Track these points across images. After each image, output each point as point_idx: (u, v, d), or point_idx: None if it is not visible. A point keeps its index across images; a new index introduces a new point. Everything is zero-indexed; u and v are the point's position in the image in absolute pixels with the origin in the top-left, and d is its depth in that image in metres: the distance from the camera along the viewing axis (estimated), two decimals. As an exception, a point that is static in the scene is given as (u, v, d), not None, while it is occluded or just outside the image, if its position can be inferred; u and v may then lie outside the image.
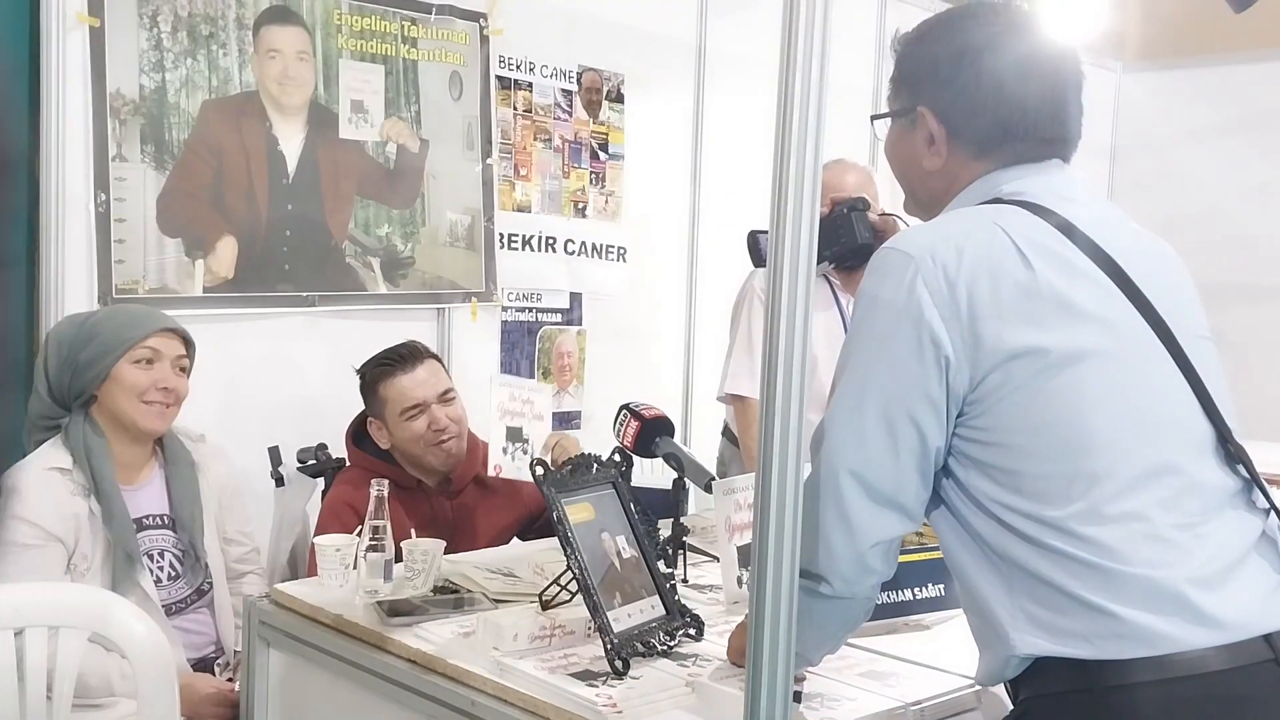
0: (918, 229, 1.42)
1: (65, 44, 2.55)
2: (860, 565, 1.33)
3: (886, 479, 1.31)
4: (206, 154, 2.78)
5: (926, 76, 1.43)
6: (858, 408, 1.31)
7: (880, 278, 1.33)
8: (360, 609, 1.87)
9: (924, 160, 1.45)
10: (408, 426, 2.45)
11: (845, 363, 1.36)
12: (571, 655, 1.69)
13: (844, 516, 1.31)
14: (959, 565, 1.36)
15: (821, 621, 1.38)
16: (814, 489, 1.32)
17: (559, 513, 1.72)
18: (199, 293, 2.76)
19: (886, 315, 1.31)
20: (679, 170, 3.87)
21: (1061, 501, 1.26)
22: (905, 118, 1.46)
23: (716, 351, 3.45)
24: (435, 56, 3.20)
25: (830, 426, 1.33)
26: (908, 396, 1.29)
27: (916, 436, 1.30)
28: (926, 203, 1.49)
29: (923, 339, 1.28)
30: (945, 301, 1.28)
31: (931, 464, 1.32)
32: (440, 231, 3.24)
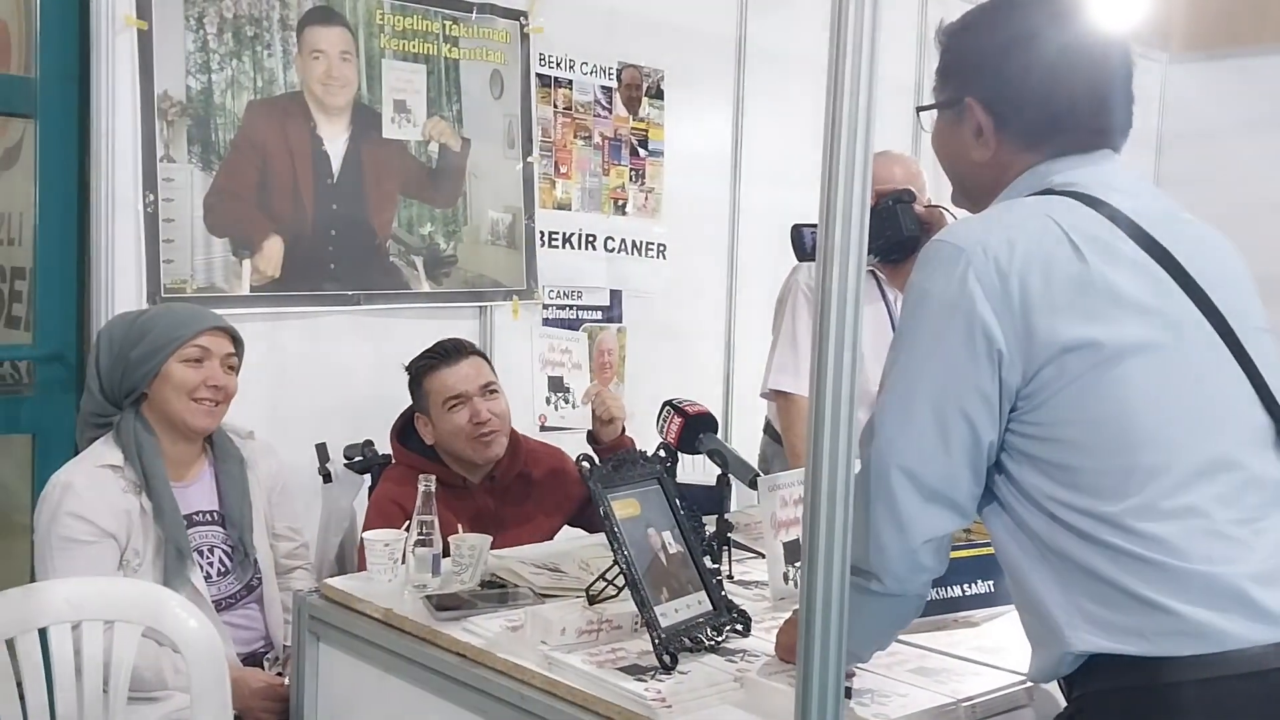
0: (967, 221, 1.40)
1: (114, 47, 2.59)
2: (911, 562, 1.32)
3: (938, 475, 1.29)
4: (252, 154, 2.81)
5: (973, 67, 1.42)
6: (908, 403, 1.30)
7: (930, 271, 1.32)
8: (409, 603, 1.89)
9: (972, 152, 1.43)
10: (449, 419, 2.47)
11: (895, 357, 1.35)
12: (619, 650, 1.69)
13: (895, 513, 1.30)
14: (1012, 562, 1.34)
15: (873, 618, 1.37)
16: (864, 485, 1.31)
17: (605, 508, 1.72)
18: (246, 292, 2.79)
19: (937, 309, 1.30)
20: (719, 166, 3.87)
21: (1117, 497, 1.24)
22: (952, 109, 1.45)
23: (757, 348, 3.44)
24: (476, 55, 3.22)
25: (880, 422, 1.32)
26: (959, 391, 1.27)
27: (968, 431, 1.28)
28: (976, 195, 1.47)
29: (975, 333, 1.26)
30: (997, 294, 1.26)
31: (984, 459, 1.30)
32: (482, 230, 3.26)
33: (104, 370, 2.27)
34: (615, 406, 2.52)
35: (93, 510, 2.13)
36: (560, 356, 2.38)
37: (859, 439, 1.32)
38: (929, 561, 1.33)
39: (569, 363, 2.39)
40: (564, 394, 2.38)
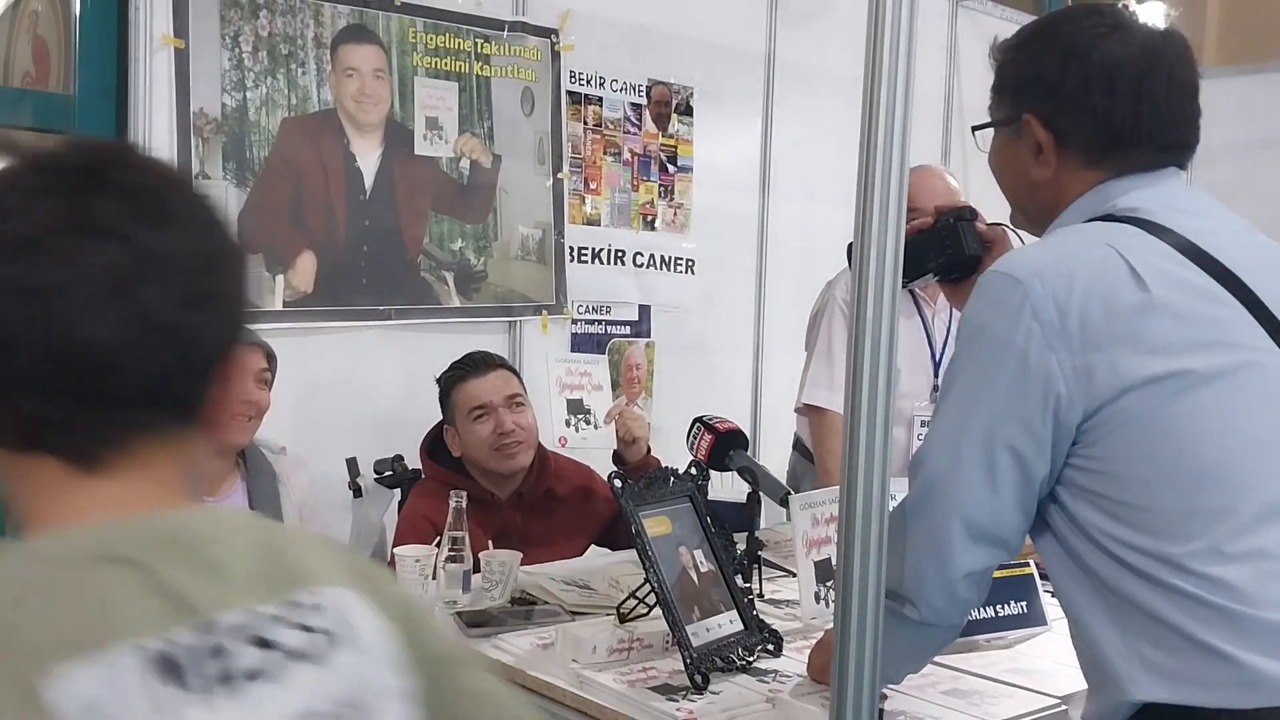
0: (1025, 251, 1.36)
1: (152, 65, 2.62)
2: (950, 595, 1.28)
3: (984, 512, 1.25)
4: (286, 171, 2.84)
5: (1031, 82, 1.37)
6: (957, 438, 1.26)
7: (986, 303, 1.27)
8: (439, 619, 1.89)
9: (1031, 171, 1.38)
10: (474, 429, 2.47)
11: (947, 390, 1.30)
12: (650, 669, 1.69)
13: (936, 547, 1.26)
14: (1069, 600, 1.28)
15: (906, 644, 1.34)
16: (907, 515, 1.29)
17: (637, 526, 1.72)
18: (279, 307, 2.81)
19: (992, 344, 1.24)
20: (748, 182, 3.87)
21: (1181, 538, 1.18)
22: (1010, 126, 1.40)
23: (785, 363, 3.43)
24: (508, 73, 3.24)
25: (929, 455, 1.29)
26: (1010, 429, 1.22)
27: (1018, 470, 1.23)
28: (1035, 215, 1.43)
29: (1030, 371, 1.21)
30: (1056, 330, 1.20)
31: (1034, 495, 1.25)
32: (512, 245, 3.27)
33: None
34: (637, 426, 2.50)
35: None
36: (579, 379, 2.37)
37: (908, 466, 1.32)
38: (967, 595, 1.29)
39: (589, 385, 2.38)
40: (584, 415, 2.37)
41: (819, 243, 3.73)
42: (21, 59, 3.27)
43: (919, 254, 1.71)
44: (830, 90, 3.84)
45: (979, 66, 4.79)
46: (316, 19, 2.88)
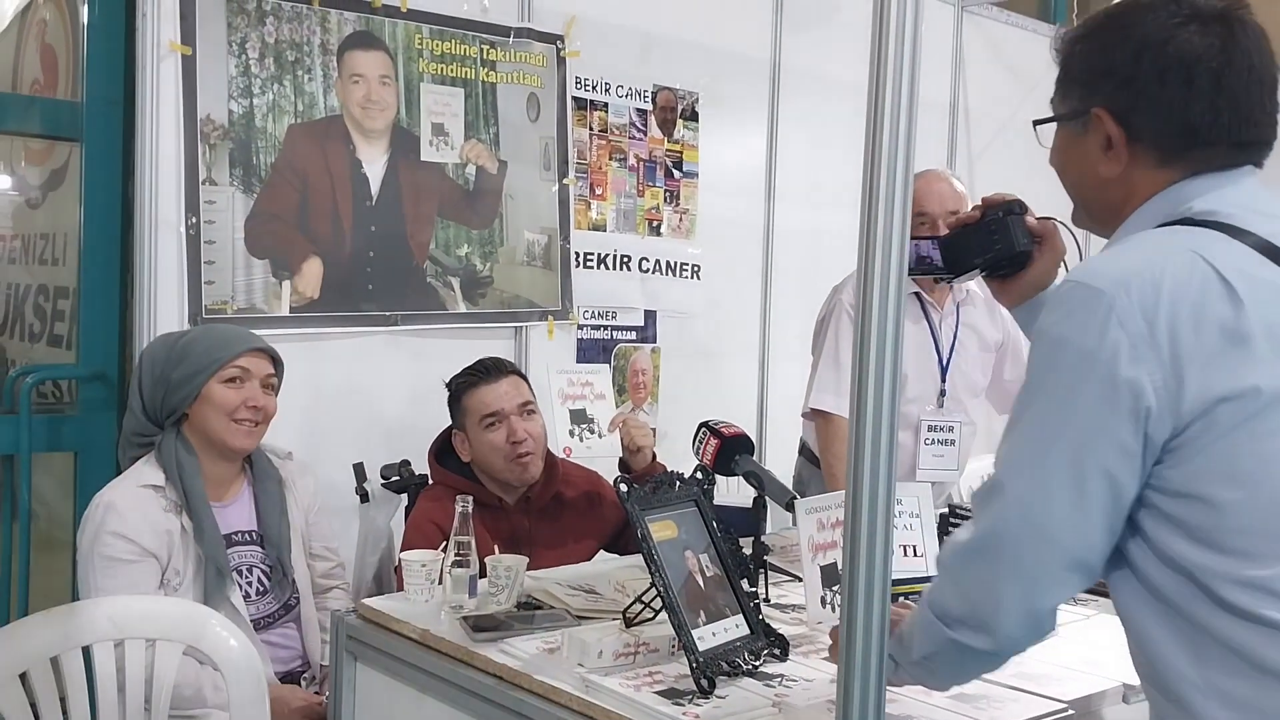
0: (1102, 259, 1.26)
1: (159, 72, 2.63)
2: (1032, 626, 1.23)
3: (1073, 538, 1.19)
4: (293, 177, 2.85)
5: (1102, 75, 1.31)
6: (1042, 461, 1.19)
7: (1065, 315, 1.20)
8: (446, 624, 1.89)
9: (1100, 167, 1.32)
10: (486, 437, 2.47)
11: (1025, 410, 1.23)
12: (656, 673, 1.69)
13: (1023, 579, 1.20)
14: (1138, 628, 1.22)
15: (968, 669, 1.32)
16: (986, 543, 1.23)
17: (643, 530, 1.72)
18: (286, 312, 2.82)
19: (1075, 359, 1.18)
20: (753, 187, 3.87)
21: (1268, 560, 1.13)
22: (1077, 121, 1.34)
23: (791, 368, 3.44)
24: (513, 79, 3.25)
25: (1011, 482, 1.22)
26: (1100, 448, 1.16)
27: (1108, 491, 1.17)
28: (1101, 215, 1.37)
29: (1118, 386, 1.15)
30: (1144, 343, 1.15)
31: (1122, 518, 1.20)
32: (518, 251, 3.28)
33: (146, 391, 2.29)
34: (640, 435, 2.49)
35: (135, 530, 2.15)
36: (580, 390, 2.37)
37: (974, 496, 1.27)
38: (1050, 624, 1.24)
39: (591, 394, 2.38)
40: (588, 425, 2.37)
41: (824, 248, 3.74)
42: (30, 66, 3.29)
43: (965, 249, 1.68)
44: (835, 95, 3.85)
45: (984, 72, 4.82)
46: (323, 25, 2.89)
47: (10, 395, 2.91)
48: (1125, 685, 1.68)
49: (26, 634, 1.90)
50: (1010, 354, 2.95)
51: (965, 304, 2.86)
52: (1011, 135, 4.60)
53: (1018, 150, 4.54)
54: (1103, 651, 1.79)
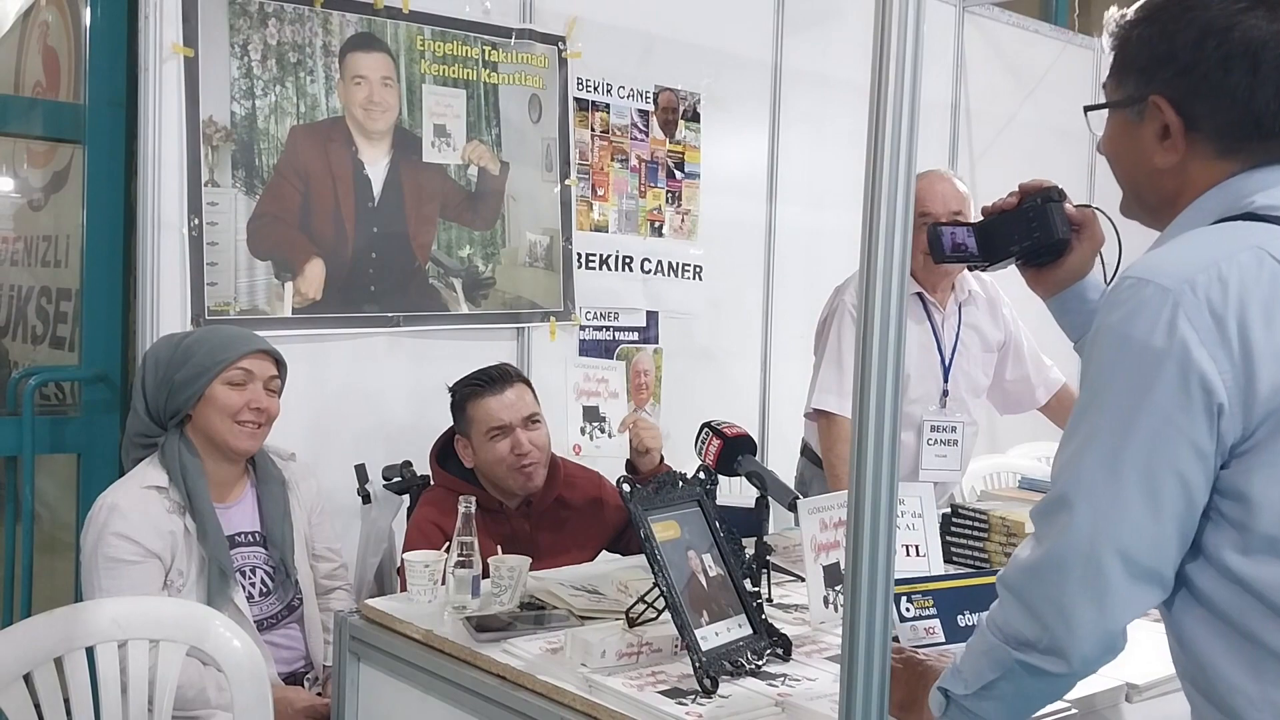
0: (1163, 254, 1.22)
1: (161, 73, 2.64)
2: (1106, 644, 1.18)
3: (1149, 549, 1.14)
4: (295, 178, 2.85)
5: (1161, 61, 1.26)
6: (1113, 469, 1.14)
7: (1129, 314, 1.15)
8: (449, 624, 1.89)
9: (1155, 157, 1.28)
10: (491, 448, 2.47)
11: (1087, 415, 1.18)
12: (659, 673, 1.69)
13: (1099, 596, 1.15)
14: (1191, 643, 1.19)
15: (1035, 697, 1.25)
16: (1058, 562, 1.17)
17: (646, 530, 1.72)
18: (288, 314, 2.83)
19: (1143, 359, 1.13)
20: (755, 188, 3.88)
21: None
22: (1132, 109, 1.29)
23: (793, 369, 3.44)
24: (515, 80, 3.25)
25: (1077, 494, 1.17)
26: (1173, 450, 1.12)
27: (1182, 496, 1.13)
28: (1154, 206, 1.32)
29: (1190, 384, 1.11)
30: (1214, 340, 1.11)
31: (1194, 526, 1.15)
32: (520, 252, 3.28)
33: (149, 392, 2.29)
34: (650, 437, 2.48)
35: (138, 531, 2.15)
36: (596, 386, 2.37)
37: (1034, 510, 1.23)
38: (1123, 642, 1.19)
39: (605, 392, 2.37)
40: (600, 423, 2.37)
41: (826, 248, 3.74)
42: (32, 69, 3.30)
43: (1001, 236, 1.64)
44: (837, 96, 3.86)
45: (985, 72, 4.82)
46: (325, 27, 2.89)
47: (13, 397, 2.91)
48: (1128, 684, 1.68)
49: (30, 635, 1.90)
50: (1012, 354, 2.95)
51: (967, 304, 2.86)
52: (1013, 135, 4.60)
53: (1020, 150, 4.55)
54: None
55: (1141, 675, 1.70)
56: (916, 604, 1.81)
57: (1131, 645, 1.23)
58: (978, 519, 2.37)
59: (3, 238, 3.40)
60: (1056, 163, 3.71)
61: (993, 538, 2.34)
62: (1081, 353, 1.24)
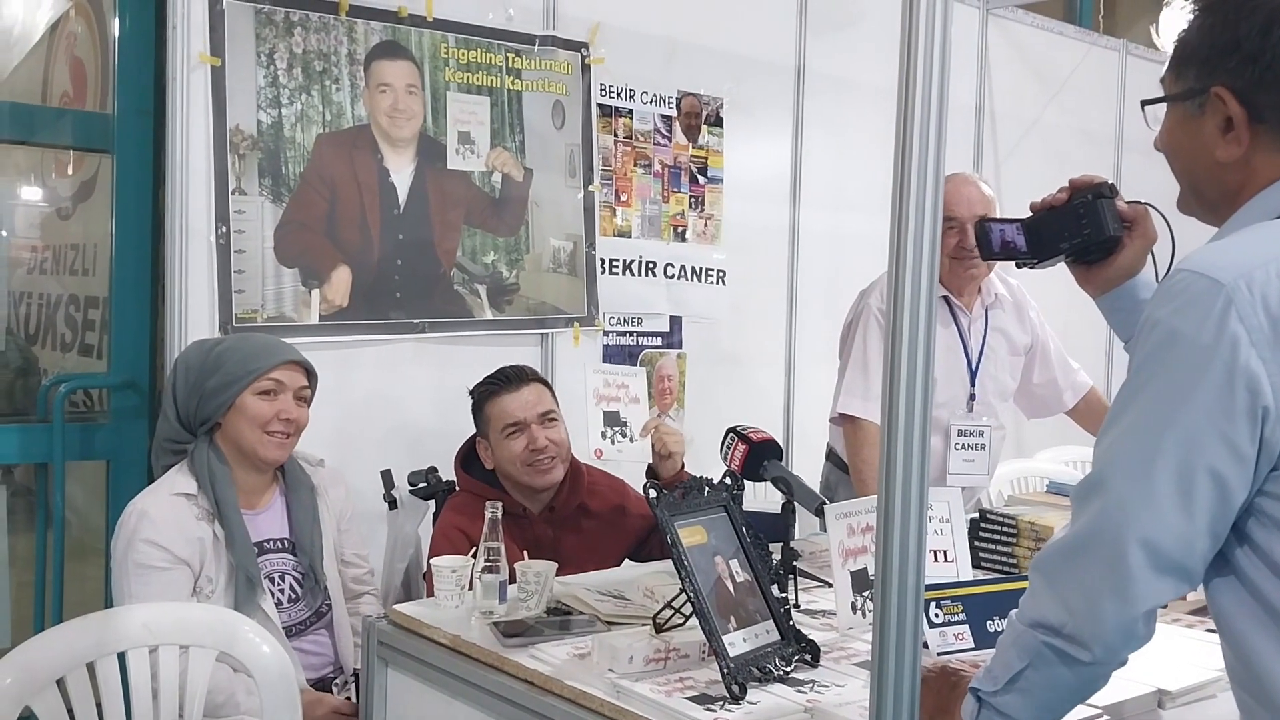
0: (1220, 249, 1.20)
1: (189, 83, 2.66)
2: (1129, 633, 1.18)
3: (1176, 543, 1.14)
4: (321, 186, 2.87)
5: (1224, 52, 1.23)
6: (1148, 462, 1.13)
7: (1179, 308, 1.13)
8: (476, 629, 1.90)
9: (1217, 150, 1.25)
10: (507, 445, 2.48)
11: (1131, 405, 1.17)
12: (687, 678, 1.69)
13: (1122, 585, 1.15)
14: (1244, 644, 1.17)
15: (1065, 688, 1.23)
16: (1080, 544, 1.18)
17: (673, 536, 1.72)
18: (314, 321, 2.84)
19: (1189, 354, 1.12)
20: (778, 192, 3.87)
21: None
22: (1192, 101, 1.27)
23: (817, 373, 3.43)
24: (538, 87, 3.26)
25: (1112, 482, 1.16)
26: (1210, 449, 1.11)
27: (1216, 493, 1.12)
28: (1214, 201, 1.29)
29: (1235, 384, 1.09)
30: (1266, 340, 1.09)
31: (1228, 524, 1.15)
32: (544, 258, 3.29)
33: (180, 398, 2.31)
34: (673, 441, 2.47)
35: (168, 538, 2.17)
36: (617, 391, 2.37)
37: (1074, 491, 1.22)
38: (1145, 631, 1.18)
39: (625, 397, 2.37)
40: (621, 428, 2.37)
41: (850, 252, 3.74)
42: (60, 79, 3.33)
43: (1051, 233, 1.61)
44: (860, 99, 3.85)
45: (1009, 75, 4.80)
46: (350, 35, 2.91)
47: (44, 404, 2.94)
48: (1161, 690, 1.67)
49: (64, 640, 1.92)
50: (1039, 357, 2.93)
51: (994, 307, 2.85)
52: (1038, 137, 4.58)
53: (1044, 152, 4.53)
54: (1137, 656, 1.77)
55: (1174, 681, 1.68)
56: (946, 610, 1.80)
57: (1164, 652, 1.22)
58: (1006, 524, 2.35)
59: (31, 247, 3.43)
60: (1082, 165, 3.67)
61: (1021, 543, 2.32)
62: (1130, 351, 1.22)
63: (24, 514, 3.05)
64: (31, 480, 2.98)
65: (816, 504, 2.07)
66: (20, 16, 3.37)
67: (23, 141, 3.30)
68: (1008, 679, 1.23)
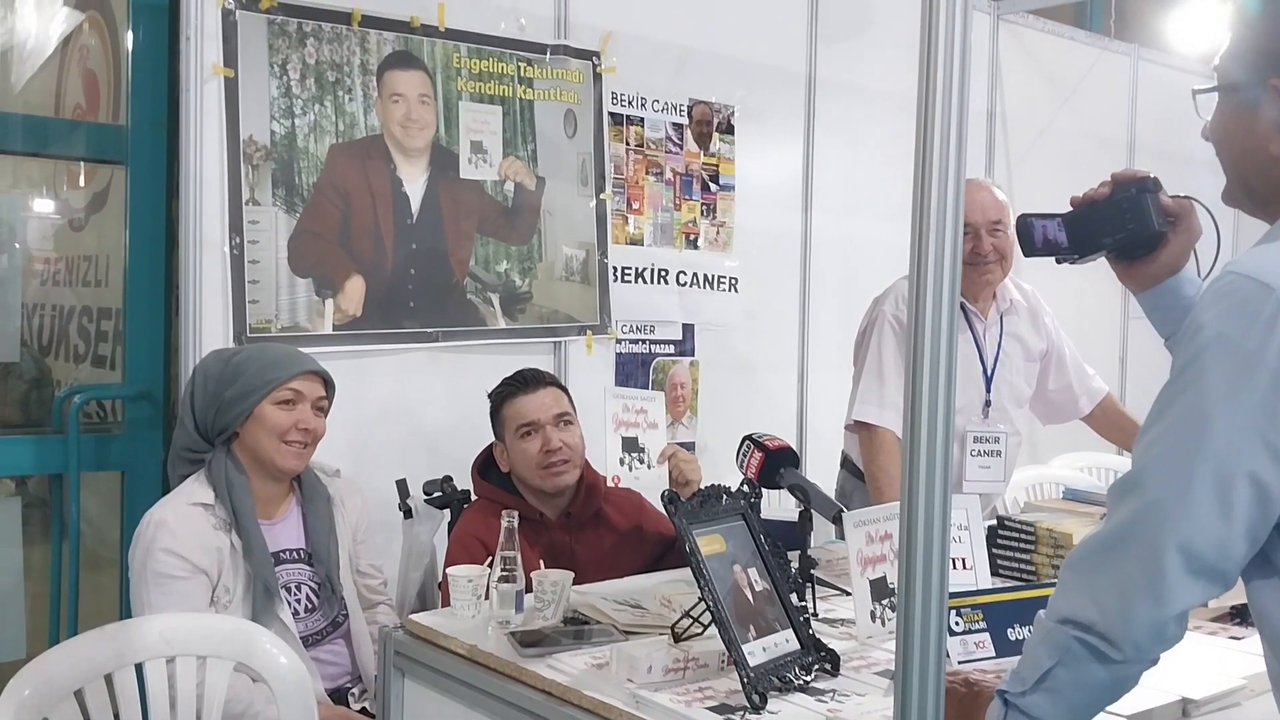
0: (1271, 251, 1.18)
1: (202, 94, 2.66)
2: (1160, 634, 1.17)
3: (1213, 548, 1.13)
4: (334, 196, 2.87)
5: None
6: (1187, 464, 1.12)
7: (1226, 310, 1.12)
8: (493, 639, 1.89)
9: (1271, 145, 1.23)
10: (522, 446, 2.48)
11: (1172, 405, 1.16)
12: (706, 688, 1.68)
13: (1155, 587, 1.14)
14: None
15: (1096, 687, 1.21)
16: (1115, 543, 1.17)
17: (691, 544, 1.72)
18: (328, 330, 2.84)
19: (1235, 359, 1.11)
20: (790, 199, 3.86)
21: None
22: (1246, 94, 1.25)
23: (830, 380, 3.41)
24: (550, 96, 3.26)
25: (1147, 477, 1.16)
26: (1252, 454, 1.10)
27: (1256, 497, 1.11)
28: (1265, 196, 1.27)
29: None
30: None
31: (1269, 527, 1.14)
32: (556, 266, 3.29)
33: (198, 407, 2.31)
34: (690, 470, 2.45)
35: (186, 547, 2.17)
36: (635, 417, 2.36)
37: (1111, 489, 1.21)
38: (1176, 631, 1.18)
39: (644, 423, 2.36)
40: (639, 454, 2.35)
41: (863, 258, 3.73)
42: (72, 92, 3.35)
43: (1094, 228, 1.58)
44: (871, 105, 3.84)
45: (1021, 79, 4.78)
46: (363, 46, 2.91)
47: (59, 416, 2.95)
48: (1185, 699, 1.66)
49: (81, 651, 1.92)
50: (1054, 363, 2.92)
51: (1009, 313, 2.84)
52: (1050, 142, 4.57)
53: (1057, 157, 4.51)
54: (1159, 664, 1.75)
55: (1199, 690, 1.67)
56: (966, 618, 1.79)
57: (1188, 660, 1.20)
58: (1024, 531, 2.34)
59: (45, 258, 3.44)
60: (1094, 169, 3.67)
61: (1040, 549, 2.31)
62: (1173, 350, 1.21)
63: (39, 525, 3.05)
64: (46, 492, 2.98)
65: (834, 512, 2.06)
66: (33, 30, 3.39)
67: (36, 154, 3.31)
68: (1036, 678, 1.22)
